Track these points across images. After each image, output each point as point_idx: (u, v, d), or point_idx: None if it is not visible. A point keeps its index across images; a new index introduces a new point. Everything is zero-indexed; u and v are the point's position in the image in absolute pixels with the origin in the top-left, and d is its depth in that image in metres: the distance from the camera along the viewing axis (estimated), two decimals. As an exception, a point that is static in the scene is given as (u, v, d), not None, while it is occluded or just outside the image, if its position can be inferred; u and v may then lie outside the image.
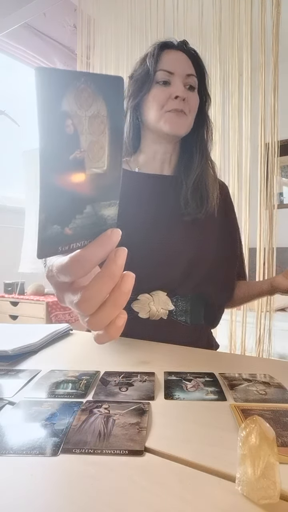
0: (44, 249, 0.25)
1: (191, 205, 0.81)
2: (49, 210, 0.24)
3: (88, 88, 0.22)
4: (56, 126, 0.22)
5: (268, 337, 1.63)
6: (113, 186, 0.26)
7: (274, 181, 1.61)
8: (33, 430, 0.36)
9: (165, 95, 0.79)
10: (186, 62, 0.81)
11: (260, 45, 1.58)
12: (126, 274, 0.28)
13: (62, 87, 0.21)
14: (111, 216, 0.27)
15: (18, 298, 2.17)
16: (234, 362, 0.61)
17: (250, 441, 0.27)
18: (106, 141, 0.25)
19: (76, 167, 0.24)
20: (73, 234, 0.26)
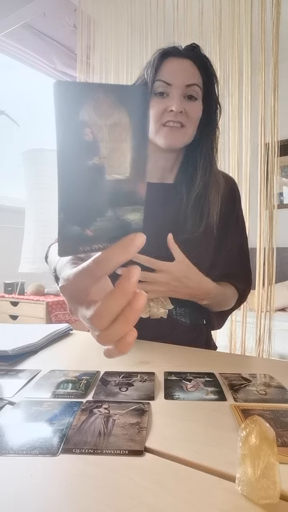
0: (65, 247, 0.26)
1: (189, 221, 0.79)
2: (67, 211, 0.25)
3: (107, 98, 0.24)
4: (73, 134, 0.23)
5: (268, 337, 1.63)
6: (137, 192, 0.27)
7: (274, 181, 1.61)
8: (33, 430, 0.36)
9: (161, 108, 0.76)
10: (189, 70, 0.77)
11: (260, 45, 1.58)
12: (139, 293, 0.29)
13: (80, 99, 0.23)
14: (136, 221, 0.28)
15: (18, 298, 2.17)
16: (234, 362, 0.61)
17: (250, 441, 0.27)
18: (128, 148, 0.25)
19: (95, 173, 0.25)
20: (95, 235, 0.27)
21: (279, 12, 1.52)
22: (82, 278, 0.30)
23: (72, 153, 0.24)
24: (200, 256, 0.81)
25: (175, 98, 0.76)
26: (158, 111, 0.77)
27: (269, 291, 1.62)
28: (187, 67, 0.77)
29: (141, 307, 0.29)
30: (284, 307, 2.79)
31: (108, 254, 0.28)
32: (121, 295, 0.28)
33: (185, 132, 0.78)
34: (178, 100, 0.76)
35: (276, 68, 1.52)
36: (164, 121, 0.76)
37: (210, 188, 0.82)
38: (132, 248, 0.28)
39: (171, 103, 0.76)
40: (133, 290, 0.28)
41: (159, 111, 0.77)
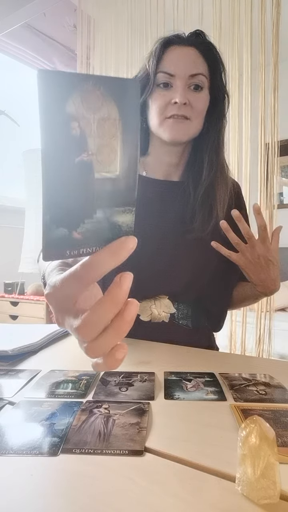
0: (50, 251, 0.24)
1: (197, 219, 0.76)
2: (53, 211, 0.23)
3: (96, 90, 0.22)
4: (59, 128, 0.21)
5: (268, 337, 1.63)
6: (127, 192, 0.25)
7: (274, 181, 1.61)
8: (33, 430, 0.36)
9: (165, 100, 0.73)
10: (192, 59, 0.73)
11: (260, 45, 1.58)
12: (130, 301, 0.27)
13: (67, 90, 0.21)
14: (126, 223, 0.26)
15: (18, 298, 2.17)
16: (234, 362, 0.61)
17: (250, 441, 0.27)
18: (118, 145, 0.24)
19: (82, 170, 0.23)
20: (83, 238, 0.25)
21: (279, 12, 1.52)
22: (70, 285, 0.28)
23: (58, 148, 0.22)
24: (209, 255, 0.79)
25: (178, 89, 0.72)
26: (162, 104, 0.73)
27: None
28: (191, 55, 0.73)
29: (133, 318, 0.27)
30: (284, 307, 2.79)
31: (97, 259, 0.26)
32: (111, 304, 0.26)
33: (190, 124, 0.74)
34: (182, 91, 0.72)
35: (276, 68, 1.52)
36: (168, 114, 0.73)
37: (217, 183, 0.78)
38: (123, 252, 0.26)
39: (175, 95, 0.72)
40: (124, 298, 0.26)
41: (162, 103, 0.73)
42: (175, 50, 0.74)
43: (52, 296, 0.30)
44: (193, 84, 0.73)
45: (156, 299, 0.79)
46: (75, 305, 0.29)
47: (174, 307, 0.80)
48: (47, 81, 0.20)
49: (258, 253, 0.70)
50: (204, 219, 0.76)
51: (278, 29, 1.52)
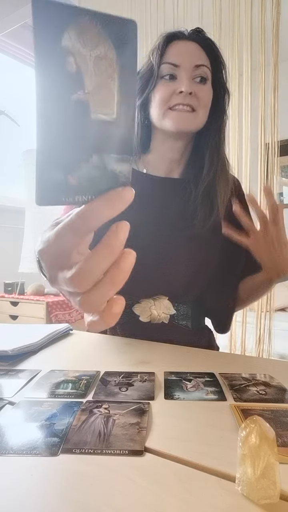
0: (45, 194, 0.23)
1: (198, 216, 0.75)
2: (48, 151, 0.22)
3: (93, 27, 0.21)
4: (55, 62, 0.20)
5: (268, 337, 1.63)
6: (124, 138, 0.24)
7: (274, 181, 1.61)
8: (33, 430, 0.36)
9: (169, 91, 0.72)
10: (196, 52, 0.73)
11: (260, 45, 1.58)
12: (127, 251, 0.26)
13: (63, 21, 0.20)
14: (124, 173, 0.25)
15: (18, 298, 2.17)
16: (234, 362, 0.61)
17: (250, 441, 0.27)
18: (115, 86, 0.23)
19: (78, 109, 0.22)
20: (79, 185, 0.24)
21: (279, 12, 1.52)
22: (64, 237, 0.26)
23: (54, 84, 0.21)
24: (209, 253, 0.79)
25: (184, 79, 0.71)
26: (166, 94, 0.72)
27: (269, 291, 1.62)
28: (194, 49, 0.74)
29: (129, 267, 0.26)
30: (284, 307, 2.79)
31: (93, 207, 0.24)
32: (107, 252, 0.25)
33: (195, 116, 0.73)
34: (187, 81, 0.71)
35: (276, 68, 1.52)
36: (173, 104, 0.72)
37: (218, 179, 0.78)
38: (119, 203, 0.24)
39: (180, 85, 0.71)
40: (120, 247, 0.25)
41: (166, 94, 0.72)
42: (179, 44, 0.74)
43: (46, 251, 0.29)
44: (198, 76, 0.72)
45: (155, 300, 0.79)
46: (70, 259, 0.28)
47: (174, 308, 0.79)
48: (42, 10, 0.19)
49: (271, 235, 0.69)
50: (205, 215, 0.76)
51: (278, 29, 1.52)
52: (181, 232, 0.77)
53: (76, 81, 0.21)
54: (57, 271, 0.28)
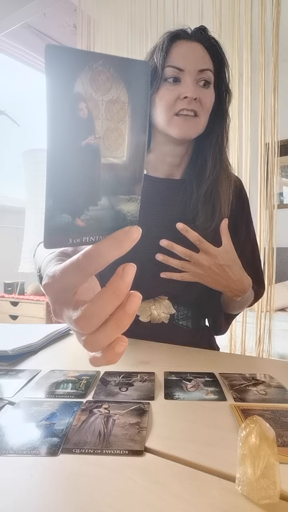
0: (53, 238, 0.23)
1: (200, 217, 0.75)
2: (57, 196, 0.22)
3: (106, 71, 0.21)
4: (67, 108, 0.21)
5: (268, 337, 1.63)
6: (133, 179, 0.25)
7: (274, 181, 1.61)
8: (33, 430, 0.36)
9: (174, 95, 0.71)
10: (200, 54, 0.72)
11: (260, 45, 1.58)
12: (133, 294, 0.26)
13: (76, 67, 0.20)
14: (132, 213, 0.25)
15: (18, 298, 2.17)
16: (234, 362, 0.61)
17: (250, 441, 0.27)
18: (126, 129, 0.23)
19: (89, 154, 0.22)
20: (87, 226, 0.24)
21: (279, 12, 1.52)
22: (70, 275, 0.26)
23: (65, 130, 0.21)
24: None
25: (189, 84, 0.70)
26: (170, 99, 0.71)
27: (269, 291, 1.62)
28: (198, 50, 0.72)
29: (135, 310, 0.26)
30: (284, 307, 2.79)
31: (100, 248, 0.24)
32: (113, 296, 0.25)
33: (198, 121, 0.73)
34: (192, 86, 0.70)
35: (276, 68, 1.52)
36: (177, 109, 0.71)
37: (221, 181, 0.77)
38: (127, 243, 0.25)
39: (185, 90, 0.70)
40: (126, 290, 0.26)
41: (171, 99, 0.71)
42: (183, 45, 0.72)
43: (51, 286, 0.29)
44: (202, 79, 0.72)
45: (156, 300, 0.79)
46: (74, 296, 0.28)
47: (174, 308, 0.79)
48: (55, 58, 0.19)
49: (206, 264, 0.67)
50: (207, 217, 0.75)
51: (278, 29, 1.52)
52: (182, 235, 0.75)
53: (87, 127, 0.22)
54: (61, 306, 0.29)
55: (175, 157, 0.79)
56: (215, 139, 0.77)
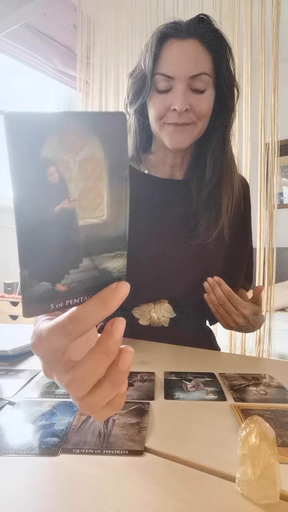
0: (32, 307, 0.22)
1: (202, 225, 0.72)
2: (33, 266, 0.21)
3: (77, 129, 0.20)
4: (33, 176, 0.19)
5: (268, 337, 1.63)
6: (117, 236, 0.23)
7: (274, 181, 1.61)
8: (33, 430, 0.36)
9: (164, 106, 0.66)
10: (194, 55, 0.64)
11: (260, 45, 1.58)
12: (124, 349, 0.25)
13: (42, 133, 0.19)
14: (118, 269, 0.24)
15: (18, 298, 2.17)
16: (234, 362, 0.61)
17: (250, 441, 0.27)
18: (104, 186, 0.21)
19: (64, 219, 0.21)
20: (69, 290, 0.23)
21: (279, 12, 1.52)
22: (56, 337, 0.24)
23: (34, 198, 0.19)
24: (213, 262, 0.77)
25: (178, 94, 0.64)
26: (160, 110, 0.67)
27: (269, 291, 1.62)
28: (192, 50, 0.64)
29: (128, 367, 0.25)
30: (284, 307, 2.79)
31: (86, 310, 0.23)
32: (103, 355, 0.24)
33: (193, 129, 0.68)
34: (182, 96, 0.64)
35: (276, 68, 1.52)
36: (168, 121, 0.67)
37: (223, 185, 0.72)
38: (114, 301, 0.23)
39: (174, 101, 0.65)
40: (117, 348, 0.24)
41: (161, 109, 0.67)
42: (173, 46, 0.65)
43: (38, 346, 0.26)
44: (195, 84, 0.66)
45: (155, 303, 0.77)
46: (63, 356, 0.26)
47: (175, 311, 0.77)
48: (17, 126, 0.18)
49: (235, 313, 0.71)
50: (209, 225, 0.72)
51: (278, 29, 1.52)
52: (184, 238, 0.74)
53: (59, 191, 0.20)
54: (51, 367, 0.27)
55: (176, 158, 0.77)
56: (215, 140, 0.72)
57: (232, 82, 0.70)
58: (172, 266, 0.75)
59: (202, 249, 0.75)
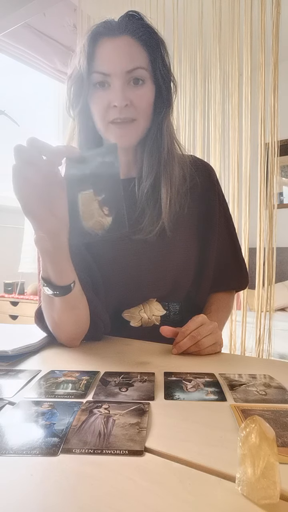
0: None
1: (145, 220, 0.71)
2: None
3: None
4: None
5: (268, 337, 1.63)
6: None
7: (274, 181, 1.60)
8: (33, 430, 0.36)
9: (104, 103, 0.67)
10: (127, 52, 0.66)
11: (260, 45, 1.58)
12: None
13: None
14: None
15: (18, 298, 2.17)
16: (234, 362, 0.61)
17: (250, 441, 0.27)
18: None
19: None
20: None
21: (279, 12, 1.52)
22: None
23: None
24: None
25: (117, 89, 0.65)
26: (102, 108, 0.68)
27: (269, 291, 1.62)
28: (124, 46, 0.66)
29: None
30: (284, 307, 2.79)
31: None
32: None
33: (137, 125, 0.69)
34: (120, 92, 0.65)
35: (276, 68, 1.52)
36: (111, 119, 0.68)
37: (163, 179, 0.72)
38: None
39: (113, 97, 0.65)
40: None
41: (101, 107, 0.68)
42: (106, 44, 0.66)
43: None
44: (132, 78, 0.66)
45: (144, 303, 0.77)
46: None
47: (164, 308, 0.77)
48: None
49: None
50: (152, 219, 0.71)
51: (278, 29, 1.52)
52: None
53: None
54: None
55: (128, 154, 0.76)
56: (150, 136, 0.72)
57: (169, 76, 0.71)
58: (147, 264, 0.74)
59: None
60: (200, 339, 0.62)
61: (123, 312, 0.77)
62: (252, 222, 1.64)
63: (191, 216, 0.77)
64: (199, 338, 0.62)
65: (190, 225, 0.77)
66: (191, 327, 0.63)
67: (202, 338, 0.62)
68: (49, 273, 0.60)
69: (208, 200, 0.80)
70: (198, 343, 0.62)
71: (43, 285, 0.61)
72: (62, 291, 0.61)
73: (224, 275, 0.85)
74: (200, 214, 0.79)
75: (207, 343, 0.62)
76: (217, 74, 1.79)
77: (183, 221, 0.76)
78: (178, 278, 0.77)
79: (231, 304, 0.88)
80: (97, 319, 0.70)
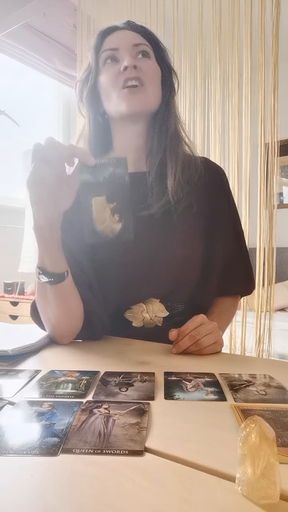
0: None
1: (154, 194, 0.74)
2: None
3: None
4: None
5: (268, 337, 1.63)
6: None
7: (274, 181, 1.61)
8: (33, 430, 0.36)
9: (114, 72, 0.73)
10: (133, 35, 0.75)
11: (260, 45, 1.58)
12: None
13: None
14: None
15: (18, 298, 2.17)
16: (234, 362, 0.61)
17: (250, 441, 0.27)
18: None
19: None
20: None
21: (279, 12, 1.52)
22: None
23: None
24: (193, 250, 0.76)
25: (125, 55, 0.73)
26: (112, 76, 0.73)
27: (269, 291, 1.62)
28: (130, 33, 0.76)
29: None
30: (284, 307, 2.79)
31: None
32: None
33: (145, 91, 0.73)
34: (129, 56, 0.73)
35: (276, 68, 1.52)
36: (121, 82, 0.72)
37: (167, 156, 0.76)
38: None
39: (122, 61, 0.72)
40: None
41: (112, 75, 0.73)
42: (113, 34, 0.76)
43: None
44: (140, 52, 0.74)
45: (147, 304, 0.77)
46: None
47: (167, 309, 0.77)
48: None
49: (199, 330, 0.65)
50: (159, 196, 0.74)
51: (278, 29, 1.52)
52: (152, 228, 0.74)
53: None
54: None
55: (138, 137, 0.79)
56: (160, 117, 0.78)
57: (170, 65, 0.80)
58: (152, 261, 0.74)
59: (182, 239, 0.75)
60: (199, 338, 0.62)
61: (126, 312, 0.77)
62: (252, 222, 1.64)
63: (198, 214, 0.77)
64: (198, 337, 0.62)
65: (196, 221, 0.77)
66: (190, 327, 0.63)
67: (202, 338, 0.62)
68: (45, 260, 0.65)
69: (217, 201, 0.81)
70: (197, 343, 0.62)
71: (39, 274, 0.65)
72: (57, 278, 0.64)
73: (231, 280, 0.84)
74: (207, 213, 0.79)
75: (207, 342, 0.62)
76: (217, 74, 1.79)
77: (190, 217, 0.76)
78: (180, 275, 0.76)
79: (234, 308, 0.87)
80: (93, 317, 0.70)
